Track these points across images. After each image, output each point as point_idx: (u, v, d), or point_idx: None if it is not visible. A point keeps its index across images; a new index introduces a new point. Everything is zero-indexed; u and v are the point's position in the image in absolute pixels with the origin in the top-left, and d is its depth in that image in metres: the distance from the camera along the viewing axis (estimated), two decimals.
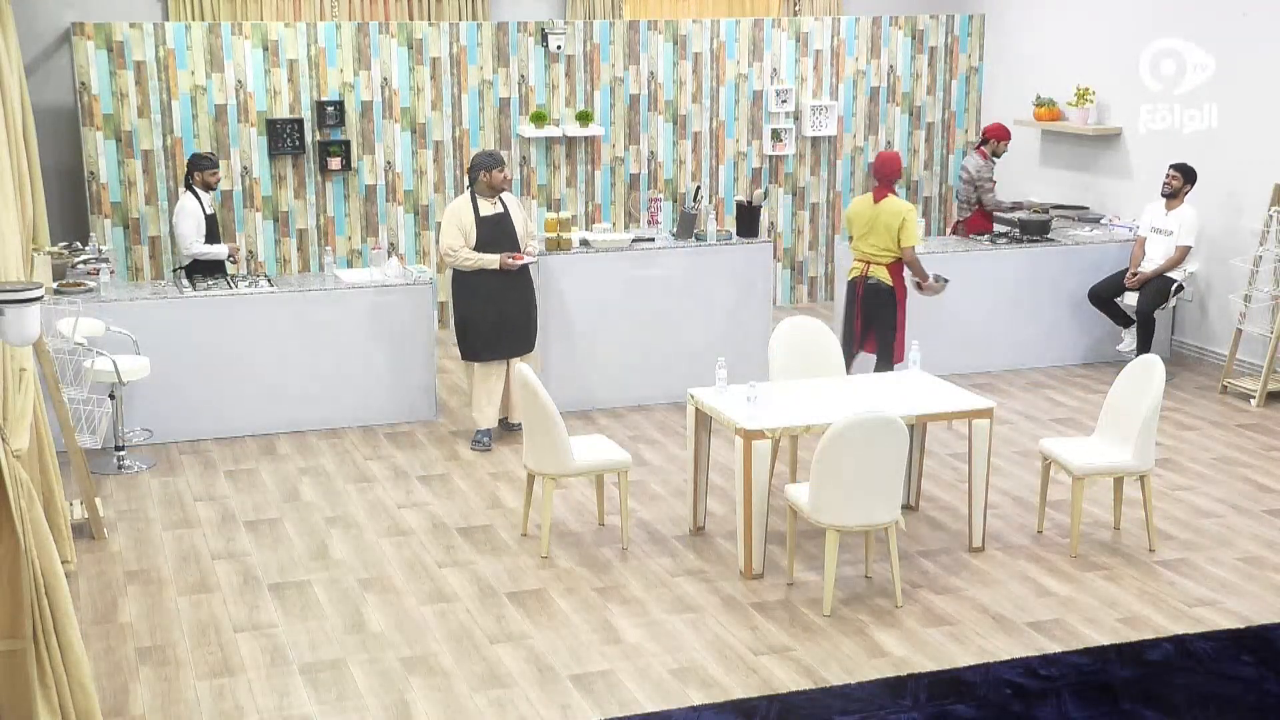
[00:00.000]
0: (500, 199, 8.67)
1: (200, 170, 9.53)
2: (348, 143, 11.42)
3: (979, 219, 11.12)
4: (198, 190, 9.51)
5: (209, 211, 9.60)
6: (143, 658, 5.95)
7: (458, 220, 8.52)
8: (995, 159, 11.11)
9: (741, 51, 12.33)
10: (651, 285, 9.57)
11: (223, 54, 11.06)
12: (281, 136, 11.26)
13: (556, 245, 9.34)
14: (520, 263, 8.55)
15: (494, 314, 8.57)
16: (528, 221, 8.87)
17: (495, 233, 8.58)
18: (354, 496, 7.92)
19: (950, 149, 13.12)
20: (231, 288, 8.99)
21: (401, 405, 9.20)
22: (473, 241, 8.51)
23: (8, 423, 4.89)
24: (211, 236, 9.57)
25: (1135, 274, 10.10)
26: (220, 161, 10.75)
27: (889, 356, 8.72)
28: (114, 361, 8.00)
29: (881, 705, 5.52)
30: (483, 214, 8.56)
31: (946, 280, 9.04)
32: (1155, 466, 7.47)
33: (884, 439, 6.19)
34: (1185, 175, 9.95)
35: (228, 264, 9.65)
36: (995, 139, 11.07)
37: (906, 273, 8.73)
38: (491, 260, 8.48)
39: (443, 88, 11.60)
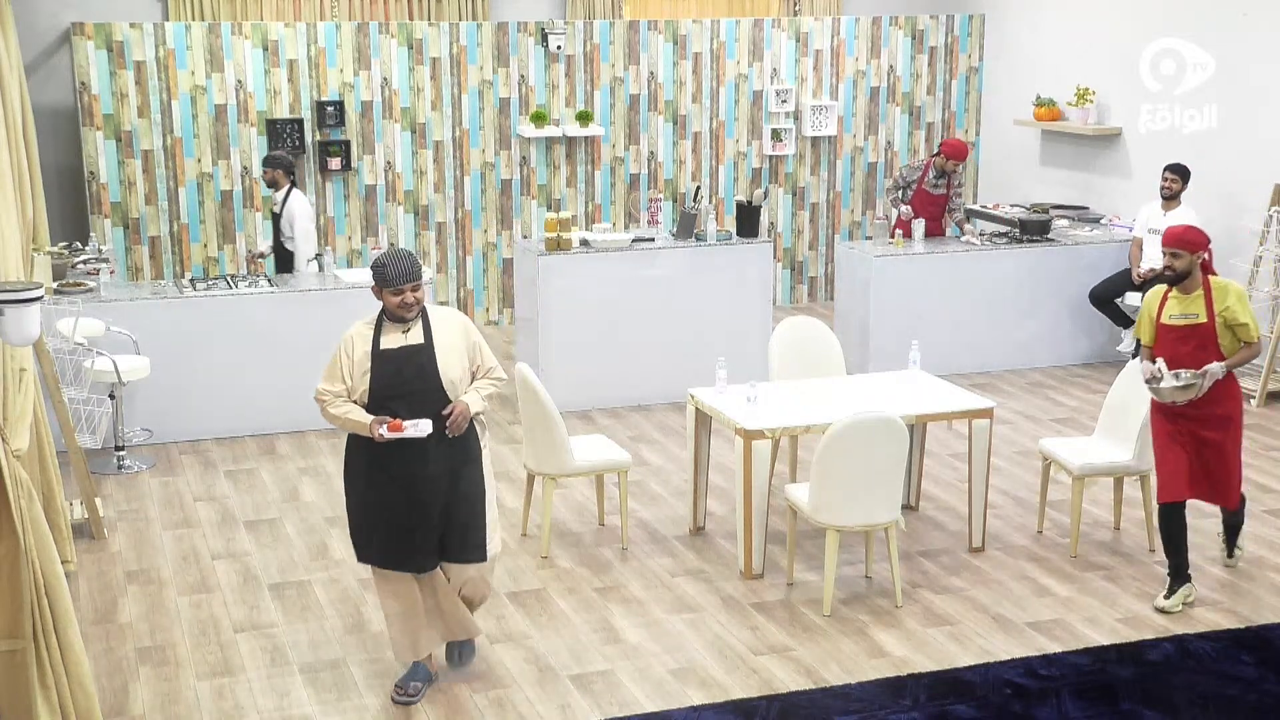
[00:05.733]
0: (430, 322, 5.42)
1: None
2: (348, 143, 11.42)
3: None
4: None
5: None
6: (143, 658, 5.95)
7: (346, 350, 5.40)
8: None
9: (741, 51, 12.32)
10: (651, 285, 9.56)
11: (223, 54, 11.06)
12: (281, 136, 11.25)
13: (556, 245, 9.34)
14: (395, 435, 5.23)
15: (391, 500, 5.42)
16: (478, 356, 5.51)
17: (396, 376, 5.34)
18: None
19: None
20: (231, 287, 8.99)
21: None
22: (363, 386, 5.35)
23: (8, 423, 4.89)
24: None
25: (1139, 273, 10.07)
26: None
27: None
28: (114, 361, 7.99)
29: (881, 705, 5.52)
30: (383, 346, 5.37)
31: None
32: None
33: (884, 439, 6.19)
34: (1183, 176, 9.93)
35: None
36: None
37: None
38: (362, 423, 5.30)
39: (443, 88, 11.60)
